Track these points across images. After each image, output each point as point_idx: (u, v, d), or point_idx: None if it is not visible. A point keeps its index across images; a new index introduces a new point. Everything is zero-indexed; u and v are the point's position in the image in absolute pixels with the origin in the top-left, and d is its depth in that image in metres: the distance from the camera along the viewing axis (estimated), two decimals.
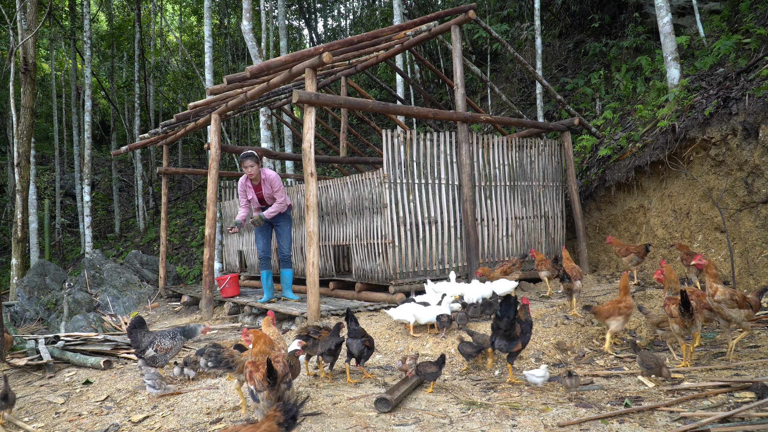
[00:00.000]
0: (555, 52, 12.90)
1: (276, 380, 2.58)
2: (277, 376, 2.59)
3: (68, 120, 20.12)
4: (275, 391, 2.59)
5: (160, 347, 3.90)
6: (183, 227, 16.56)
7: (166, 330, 4.05)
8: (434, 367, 3.56)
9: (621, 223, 7.99)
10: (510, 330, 3.59)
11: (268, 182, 6.53)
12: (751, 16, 7.84)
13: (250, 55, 10.02)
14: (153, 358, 3.90)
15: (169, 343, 3.93)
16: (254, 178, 6.52)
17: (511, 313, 3.58)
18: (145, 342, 3.94)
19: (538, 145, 7.69)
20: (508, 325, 3.57)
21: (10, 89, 11.39)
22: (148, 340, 3.94)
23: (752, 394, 3.13)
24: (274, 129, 13.91)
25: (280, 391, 2.62)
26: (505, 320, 3.57)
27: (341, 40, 6.24)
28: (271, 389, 2.58)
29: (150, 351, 3.90)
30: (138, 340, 3.96)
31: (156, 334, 3.98)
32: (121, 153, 10.14)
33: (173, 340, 3.96)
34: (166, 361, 3.96)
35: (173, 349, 3.94)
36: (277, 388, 2.60)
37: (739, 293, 3.85)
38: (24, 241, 11.16)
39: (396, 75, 12.54)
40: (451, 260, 6.67)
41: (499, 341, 3.66)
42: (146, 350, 3.91)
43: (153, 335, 3.98)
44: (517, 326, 3.65)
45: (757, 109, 6.06)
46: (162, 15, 21.72)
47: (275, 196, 6.57)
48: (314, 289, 5.58)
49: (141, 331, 4.01)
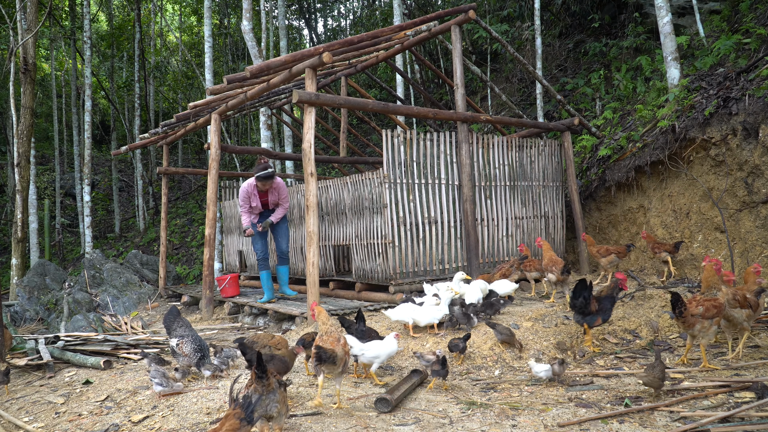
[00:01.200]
0: (555, 52, 12.90)
1: (266, 373, 2.63)
2: (266, 370, 2.65)
3: (68, 120, 20.12)
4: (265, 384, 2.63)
5: (182, 347, 4.00)
6: (183, 227, 16.55)
7: (197, 337, 4.10)
8: (460, 343, 4.09)
9: (621, 223, 7.99)
10: (586, 307, 4.14)
11: (277, 190, 6.69)
12: (751, 16, 7.84)
13: (250, 55, 10.03)
14: (173, 350, 4.03)
15: (190, 350, 4.00)
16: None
17: (585, 293, 4.13)
18: (178, 332, 4.08)
19: (538, 145, 7.70)
20: (584, 303, 4.12)
21: (10, 89, 11.39)
22: (181, 333, 4.06)
23: (752, 394, 3.13)
24: (274, 129, 13.92)
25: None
26: (580, 299, 4.14)
27: (341, 40, 6.24)
28: (259, 381, 2.62)
29: (173, 342, 4.03)
30: (172, 327, 4.12)
31: (189, 335, 4.06)
32: (121, 153, 10.14)
33: (194, 352, 4.02)
34: (179, 362, 4.03)
35: (188, 358, 4.00)
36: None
37: (741, 293, 3.85)
38: (24, 241, 11.16)
39: (396, 75, 12.54)
40: (451, 260, 6.67)
41: (576, 316, 4.27)
42: (172, 339, 4.05)
43: (188, 333, 4.07)
44: (594, 302, 4.17)
45: (757, 109, 6.06)
46: (162, 15, 21.72)
47: (281, 202, 6.73)
48: (314, 289, 5.58)
49: (180, 321, 4.17)
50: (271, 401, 2.60)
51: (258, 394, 2.59)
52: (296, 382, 3.89)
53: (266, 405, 2.59)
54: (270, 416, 2.62)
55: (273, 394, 2.61)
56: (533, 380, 3.81)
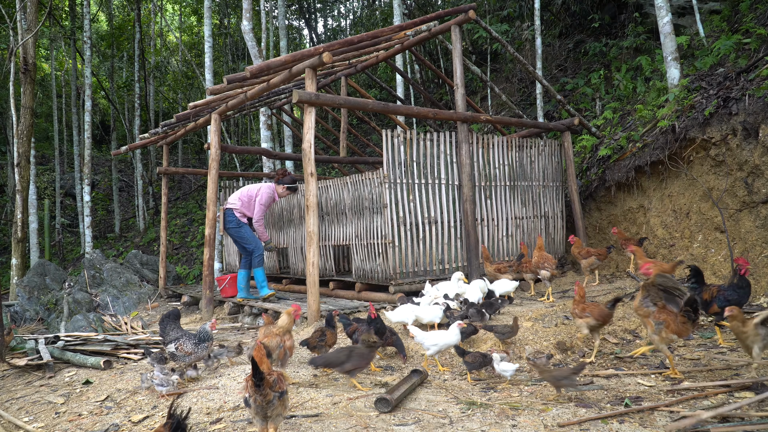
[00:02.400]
0: (555, 52, 12.90)
1: (264, 381, 2.56)
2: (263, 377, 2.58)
3: (68, 120, 20.12)
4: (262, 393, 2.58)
5: (182, 348, 4.00)
6: (183, 227, 16.55)
7: (194, 333, 4.11)
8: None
9: (621, 223, 7.99)
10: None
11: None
12: (751, 16, 7.84)
13: (250, 55, 10.03)
14: (172, 355, 4.02)
15: (191, 347, 4.01)
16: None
17: (699, 278, 4.34)
18: (171, 336, 4.06)
19: (538, 145, 7.69)
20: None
21: (10, 89, 11.39)
22: (174, 336, 4.05)
23: (752, 394, 3.13)
24: (274, 129, 13.91)
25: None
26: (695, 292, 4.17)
27: (341, 40, 6.24)
28: (257, 390, 2.55)
29: (171, 347, 4.01)
30: (166, 332, 4.10)
31: (184, 334, 4.06)
32: (121, 153, 10.14)
33: (196, 346, 4.02)
34: (185, 361, 4.03)
35: (194, 355, 4.00)
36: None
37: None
38: (24, 241, 11.16)
39: (396, 75, 12.54)
40: (451, 260, 6.67)
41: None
42: (168, 345, 4.03)
43: (181, 333, 4.07)
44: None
45: (757, 109, 6.06)
46: (162, 15, 21.72)
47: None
48: (314, 289, 5.58)
49: (172, 324, 4.14)
50: (269, 408, 2.58)
51: (256, 404, 2.57)
52: (297, 381, 3.89)
53: (263, 410, 2.58)
54: (266, 417, 2.62)
55: (270, 404, 2.58)
56: (533, 380, 3.81)
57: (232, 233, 6.86)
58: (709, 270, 6.34)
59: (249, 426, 3.05)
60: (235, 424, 3.09)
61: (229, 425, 3.09)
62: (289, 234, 8.31)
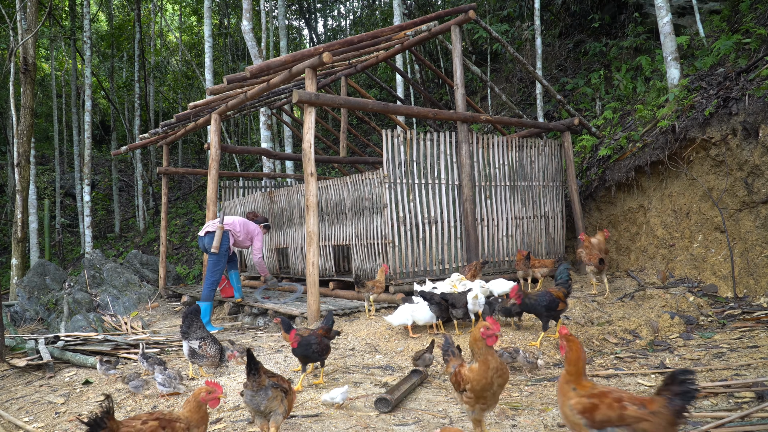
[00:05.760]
0: (555, 52, 12.91)
1: (259, 371, 2.63)
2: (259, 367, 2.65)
3: (68, 120, 20.12)
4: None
5: (206, 348, 4.00)
6: (183, 227, 16.55)
7: (217, 338, 4.11)
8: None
9: (621, 223, 7.99)
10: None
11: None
12: (751, 16, 7.84)
13: (250, 55, 10.03)
14: (193, 352, 4.01)
15: (214, 351, 4.03)
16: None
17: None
18: (197, 334, 4.05)
19: (538, 145, 7.69)
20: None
21: (10, 89, 11.39)
22: (200, 335, 4.05)
23: (752, 393, 3.13)
24: (274, 129, 13.92)
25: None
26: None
27: (341, 40, 6.25)
28: (251, 377, 2.61)
29: (195, 344, 4.00)
30: (191, 328, 4.07)
31: (208, 335, 4.07)
32: (121, 153, 10.14)
33: (219, 352, 4.05)
34: (201, 362, 4.04)
35: (213, 359, 4.02)
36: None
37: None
38: (24, 241, 11.16)
39: (396, 75, 12.54)
40: (451, 260, 6.67)
41: None
42: (192, 341, 4.03)
43: (207, 334, 4.08)
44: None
45: (757, 109, 6.06)
46: (162, 15, 21.72)
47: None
48: (314, 289, 5.58)
49: (198, 322, 4.12)
50: (262, 399, 2.61)
51: (249, 390, 2.62)
52: (296, 382, 3.88)
53: (257, 401, 2.60)
54: (262, 412, 2.63)
55: (264, 392, 2.61)
56: (533, 380, 3.81)
57: (213, 254, 6.30)
58: (709, 270, 6.34)
59: (249, 426, 3.05)
60: (235, 424, 3.09)
61: (229, 425, 3.09)
62: (289, 234, 8.31)
